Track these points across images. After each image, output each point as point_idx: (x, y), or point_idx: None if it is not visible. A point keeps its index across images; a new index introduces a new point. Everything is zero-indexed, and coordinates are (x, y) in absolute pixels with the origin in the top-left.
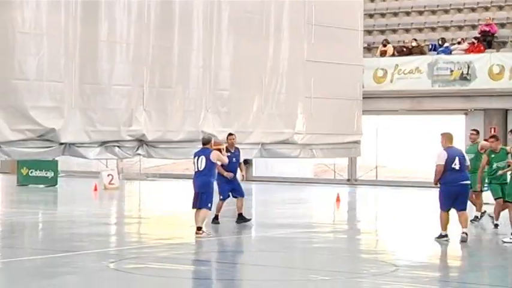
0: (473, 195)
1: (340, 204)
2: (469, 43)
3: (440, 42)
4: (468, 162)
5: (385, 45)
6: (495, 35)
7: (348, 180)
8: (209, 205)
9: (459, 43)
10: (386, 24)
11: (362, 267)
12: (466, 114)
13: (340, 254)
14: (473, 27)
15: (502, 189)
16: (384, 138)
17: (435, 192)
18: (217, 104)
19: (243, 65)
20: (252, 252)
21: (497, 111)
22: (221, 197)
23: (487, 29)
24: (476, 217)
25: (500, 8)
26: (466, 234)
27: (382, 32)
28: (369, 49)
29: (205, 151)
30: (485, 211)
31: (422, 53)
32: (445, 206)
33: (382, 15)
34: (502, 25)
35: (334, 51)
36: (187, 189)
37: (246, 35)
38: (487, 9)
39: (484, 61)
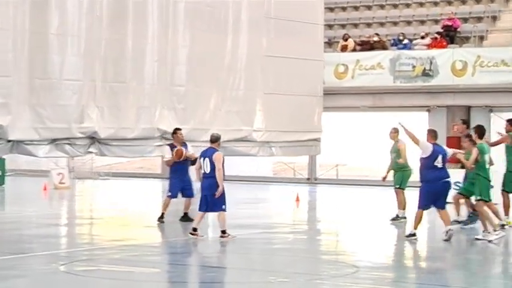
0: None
1: (300, 204)
2: (431, 38)
3: (400, 37)
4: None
5: (346, 40)
6: (458, 29)
7: (308, 179)
8: (223, 206)
9: (422, 38)
10: (348, 18)
11: (322, 268)
12: (428, 111)
13: (299, 255)
14: (436, 21)
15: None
16: (344, 135)
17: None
18: (173, 100)
19: (200, 59)
20: (209, 254)
21: (460, 108)
22: (169, 194)
23: (450, 23)
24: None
25: (463, 2)
26: (451, 229)
27: (343, 26)
28: (329, 44)
29: (209, 152)
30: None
31: (384, 48)
32: (425, 204)
33: (343, 9)
34: (465, 19)
35: (294, 46)
36: (141, 189)
37: (203, 29)
38: (449, 3)
39: (446, 57)
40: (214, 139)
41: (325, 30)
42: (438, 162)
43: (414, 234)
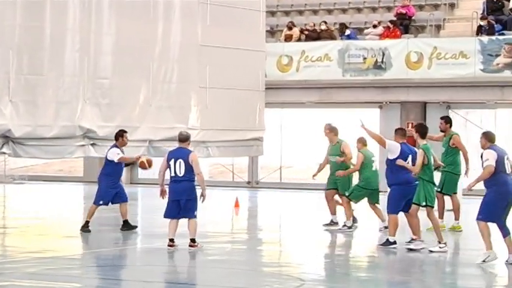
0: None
1: (240, 210)
2: (384, 27)
3: (340, 27)
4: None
5: (290, 29)
6: (413, 18)
7: (249, 182)
8: (196, 213)
9: (375, 27)
10: (292, 5)
11: (264, 282)
12: (380, 107)
13: (239, 268)
14: (389, 9)
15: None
16: (289, 134)
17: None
18: (97, 95)
19: (127, 49)
20: (137, 267)
21: (415, 104)
22: (100, 202)
23: (404, 11)
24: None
25: None
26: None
27: (287, 13)
28: (272, 33)
29: (182, 152)
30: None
31: (332, 37)
32: (397, 208)
33: None
34: (421, 7)
35: (233, 35)
36: (60, 194)
37: (130, 15)
38: None
39: (400, 48)
40: (184, 138)
41: (267, 17)
42: (409, 163)
43: (394, 242)
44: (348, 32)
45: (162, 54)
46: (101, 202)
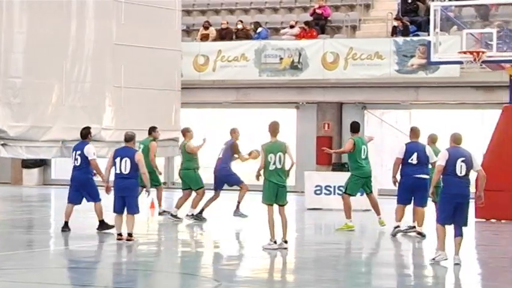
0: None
1: (155, 211)
2: (300, 27)
3: (253, 26)
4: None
5: (206, 28)
6: (328, 18)
7: (165, 183)
8: (137, 209)
9: (292, 27)
10: (208, 4)
11: (180, 283)
12: (297, 107)
13: (154, 269)
14: (305, 9)
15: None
16: (206, 135)
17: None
18: (8, 94)
19: (40, 47)
20: (51, 269)
21: (331, 104)
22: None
23: (320, 11)
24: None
25: None
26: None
27: (203, 12)
28: (188, 32)
29: (128, 151)
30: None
31: (248, 37)
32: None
33: None
34: (336, 8)
35: (148, 34)
36: None
37: (43, 13)
38: None
39: (316, 48)
40: (129, 138)
41: (183, 16)
42: (413, 160)
43: (398, 226)
44: (259, 29)
45: (76, 53)
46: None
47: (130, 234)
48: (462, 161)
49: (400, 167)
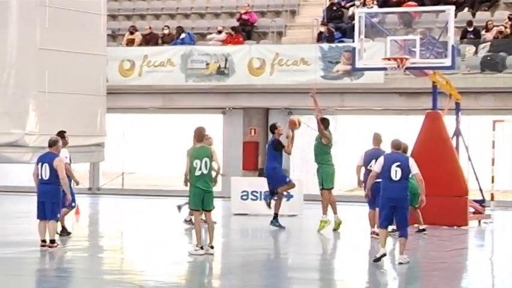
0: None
1: (80, 217)
2: (226, 33)
3: (177, 31)
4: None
5: (132, 33)
6: (255, 24)
7: (89, 189)
8: (57, 216)
9: (219, 32)
10: (134, 9)
11: None
12: (223, 113)
13: (78, 276)
14: (231, 15)
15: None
16: (132, 140)
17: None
18: None
19: None
20: None
21: (257, 110)
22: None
23: (246, 17)
24: None
25: None
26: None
27: (129, 17)
28: (113, 37)
29: (48, 157)
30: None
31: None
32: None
33: None
34: (262, 13)
35: (73, 39)
36: None
37: None
38: None
39: (243, 54)
40: (52, 143)
41: (109, 21)
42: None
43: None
44: (183, 35)
45: None
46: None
47: (52, 241)
48: (397, 166)
49: (363, 172)
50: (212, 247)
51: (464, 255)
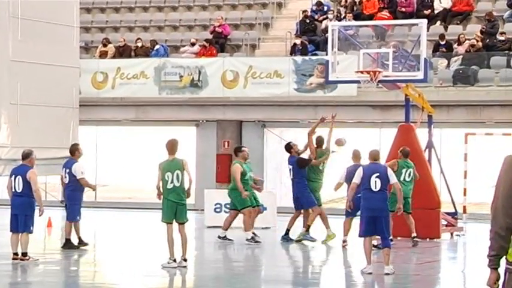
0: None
1: (52, 230)
2: (200, 45)
3: (151, 44)
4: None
5: (105, 45)
6: (228, 37)
7: (62, 201)
8: (31, 228)
9: (193, 45)
10: (107, 21)
11: None
12: (197, 125)
13: None
14: (205, 27)
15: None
16: (105, 152)
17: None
18: None
19: None
20: None
21: (231, 122)
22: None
23: (220, 30)
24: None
25: (234, 7)
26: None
27: (102, 29)
28: (86, 49)
29: (22, 169)
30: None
31: (147, 55)
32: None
33: (102, 10)
34: (236, 26)
35: (46, 51)
36: None
37: None
38: (219, 8)
39: (216, 66)
40: (25, 155)
41: (82, 33)
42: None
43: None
44: (157, 47)
45: None
46: (78, 218)
47: (24, 254)
48: (376, 177)
49: (345, 188)
50: (185, 260)
51: (437, 268)
